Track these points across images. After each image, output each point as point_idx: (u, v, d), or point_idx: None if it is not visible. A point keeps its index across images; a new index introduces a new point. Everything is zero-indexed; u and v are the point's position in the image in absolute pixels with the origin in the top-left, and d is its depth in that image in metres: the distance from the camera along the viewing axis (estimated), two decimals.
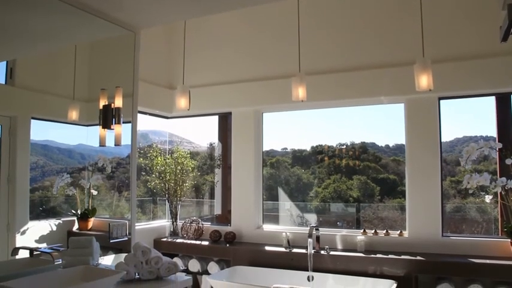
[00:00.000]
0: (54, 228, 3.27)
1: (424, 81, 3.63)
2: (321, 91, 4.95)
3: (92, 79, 3.65)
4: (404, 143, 4.80)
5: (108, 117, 3.46)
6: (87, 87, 3.60)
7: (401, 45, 4.67)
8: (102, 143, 3.53)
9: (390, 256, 4.37)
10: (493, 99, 4.53)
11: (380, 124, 5.60)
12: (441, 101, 4.60)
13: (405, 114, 4.73)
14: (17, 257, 2.86)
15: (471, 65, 4.36)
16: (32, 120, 3.09)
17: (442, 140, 4.59)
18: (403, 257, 4.31)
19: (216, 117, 6.15)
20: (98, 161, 3.68)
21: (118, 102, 3.48)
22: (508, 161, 4.16)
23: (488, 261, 4.03)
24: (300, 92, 4.24)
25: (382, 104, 5.03)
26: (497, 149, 4.26)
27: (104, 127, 3.47)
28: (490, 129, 4.61)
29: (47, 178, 3.29)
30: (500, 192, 4.20)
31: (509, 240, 4.14)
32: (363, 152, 5.81)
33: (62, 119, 3.36)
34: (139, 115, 3.96)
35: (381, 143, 5.80)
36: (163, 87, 5.83)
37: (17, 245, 2.88)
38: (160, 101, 5.74)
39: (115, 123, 3.49)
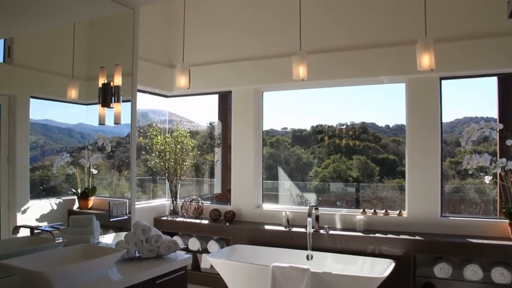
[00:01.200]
0: (55, 207, 3.28)
1: (425, 60, 3.60)
2: (321, 70, 4.92)
3: (91, 57, 3.62)
4: (404, 123, 4.79)
5: (107, 96, 3.44)
6: (86, 65, 3.57)
7: (403, 24, 4.62)
8: (101, 122, 3.51)
9: (389, 236, 4.40)
10: (495, 79, 4.51)
11: (380, 104, 5.58)
12: (443, 81, 4.57)
13: (406, 94, 4.71)
14: (18, 235, 2.87)
15: (474, 44, 4.32)
16: (31, 100, 3.07)
17: (443, 121, 4.58)
18: (401, 236, 4.34)
19: (216, 96, 6.12)
20: (98, 140, 3.67)
21: (117, 81, 3.46)
22: (509, 142, 4.16)
23: (486, 241, 4.06)
24: (301, 71, 4.21)
25: (383, 83, 5.00)
26: (498, 130, 4.25)
27: (103, 105, 3.45)
28: (491, 110, 4.60)
29: (47, 157, 3.28)
30: (500, 173, 4.21)
31: (507, 221, 4.16)
32: (363, 132, 5.80)
33: (61, 98, 3.33)
34: (139, 94, 3.94)
35: (381, 123, 5.79)
36: (163, 65, 5.79)
37: (18, 224, 2.89)
38: (160, 80, 5.71)
39: (114, 102, 3.47)
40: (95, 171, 3.65)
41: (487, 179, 4.31)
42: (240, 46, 5.54)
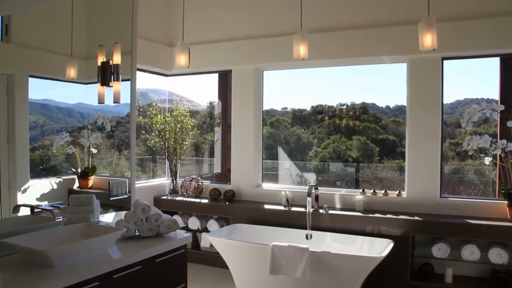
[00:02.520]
0: (55, 187, 3.29)
1: (428, 40, 3.56)
2: (322, 49, 4.88)
3: (89, 36, 3.58)
4: (405, 104, 4.77)
5: (106, 74, 3.41)
6: (85, 44, 3.53)
7: (406, 3, 4.57)
8: (101, 101, 3.49)
9: (388, 216, 4.42)
10: (497, 60, 4.47)
11: (381, 85, 5.56)
12: (444, 62, 4.53)
13: (407, 75, 4.68)
14: (19, 214, 2.88)
15: (477, 24, 4.28)
16: (30, 79, 3.04)
17: (443, 102, 4.56)
18: (400, 217, 4.36)
19: (216, 75, 6.09)
20: (97, 119, 3.65)
21: (116, 59, 3.43)
22: (509, 123, 4.15)
23: (484, 222, 4.09)
24: (301, 50, 4.18)
25: (384, 63, 4.96)
26: (499, 111, 4.23)
27: (102, 84, 3.43)
28: (492, 91, 4.57)
29: (46, 137, 3.27)
30: (500, 155, 4.21)
31: (506, 202, 4.18)
32: (363, 112, 5.79)
33: (60, 77, 3.31)
34: (138, 73, 3.92)
35: (381, 103, 5.77)
36: (162, 44, 5.73)
37: (18, 203, 2.90)
38: (160, 59, 5.66)
39: (114, 81, 3.44)
40: (94, 151, 3.65)
41: (487, 160, 4.31)
42: (241, 24, 5.48)
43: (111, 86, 3.45)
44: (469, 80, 4.92)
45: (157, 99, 6.05)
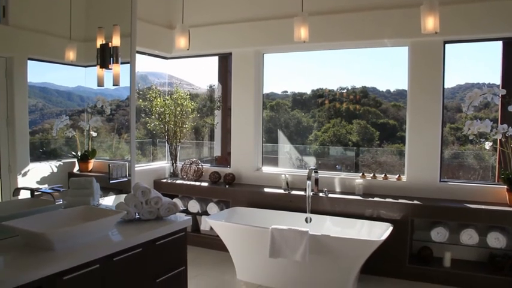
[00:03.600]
0: (55, 170, 3.29)
1: (430, 23, 3.52)
2: (323, 32, 4.84)
3: (88, 18, 3.54)
4: (405, 88, 4.75)
5: (105, 57, 3.39)
6: (84, 26, 3.50)
7: None
8: (100, 83, 3.47)
9: (387, 200, 4.43)
10: (500, 44, 4.44)
11: (382, 69, 5.53)
12: (446, 45, 4.49)
13: (409, 58, 4.65)
14: (19, 197, 2.89)
15: (480, 7, 4.23)
16: (29, 61, 3.02)
17: (444, 86, 4.54)
18: (400, 201, 4.38)
19: (216, 58, 6.06)
20: (97, 102, 3.64)
21: (116, 41, 3.40)
22: (511, 108, 4.13)
23: (483, 206, 4.10)
24: (302, 33, 4.14)
25: (385, 47, 4.92)
26: (500, 96, 4.21)
27: (101, 67, 3.41)
28: (493, 76, 4.55)
29: (46, 121, 3.26)
30: (500, 139, 4.20)
31: (505, 186, 4.18)
32: (364, 96, 5.77)
33: (59, 60, 3.28)
34: (138, 55, 3.89)
35: (381, 87, 5.75)
36: (162, 26, 5.69)
37: (19, 186, 2.90)
38: (160, 41, 5.62)
39: (113, 63, 3.42)
40: (94, 134, 3.64)
41: (487, 145, 4.30)
42: (241, 7, 5.43)
43: (111, 69, 3.43)
44: (470, 65, 4.90)
45: (157, 83, 6.02)
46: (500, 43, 4.43)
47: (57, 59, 3.27)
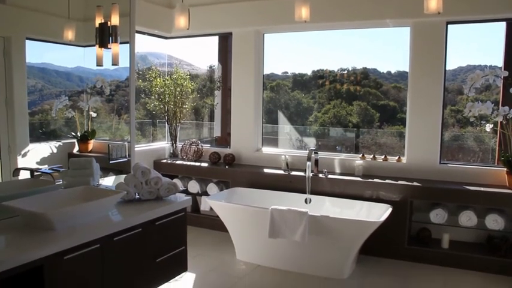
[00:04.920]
0: (55, 151, 3.29)
1: (433, 3, 3.47)
2: (324, 12, 4.78)
3: None
4: (406, 70, 4.72)
5: (104, 36, 3.37)
6: (82, 5, 3.46)
7: None
8: (99, 63, 3.45)
9: (387, 181, 4.44)
10: (502, 25, 4.39)
11: (383, 50, 5.48)
12: (449, 26, 4.45)
13: (411, 39, 4.60)
14: (19, 178, 2.89)
15: None
16: (27, 41, 2.99)
17: (446, 68, 4.50)
18: (399, 182, 4.38)
19: (216, 38, 6.01)
20: (96, 83, 3.62)
21: (114, 20, 3.37)
22: None
23: (482, 188, 4.11)
24: (303, 12, 4.09)
25: (387, 27, 4.87)
26: (502, 78, 4.18)
27: (100, 46, 3.39)
28: (495, 58, 4.51)
29: (46, 101, 3.25)
30: (501, 122, 4.19)
31: (505, 169, 4.19)
32: (364, 77, 5.73)
33: (58, 40, 3.26)
34: (137, 35, 3.87)
35: (382, 69, 5.71)
36: (161, 5, 5.62)
37: (18, 167, 2.91)
38: (159, 21, 5.56)
39: (112, 42, 3.40)
40: (94, 115, 3.63)
41: (488, 127, 4.29)
42: None
43: (110, 48, 3.41)
44: (472, 47, 4.85)
45: (157, 63, 5.98)
46: (503, 24, 4.38)
47: (55, 39, 3.24)
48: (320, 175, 4.75)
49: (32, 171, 2.94)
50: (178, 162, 5.59)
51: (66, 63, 3.39)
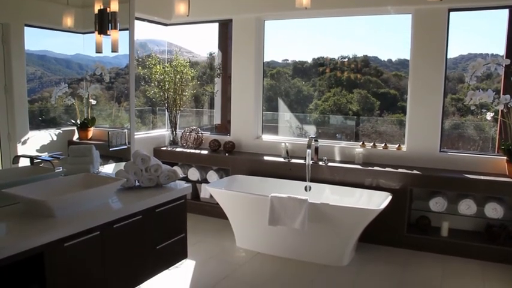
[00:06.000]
0: (55, 138, 3.28)
1: None
2: None
3: None
4: (407, 57, 4.69)
5: (104, 22, 3.35)
6: None
7: None
8: (98, 50, 3.44)
9: (387, 169, 4.44)
10: (505, 13, 4.35)
11: (384, 37, 5.44)
12: (451, 13, 4.41)
13: (412, 26, 4.56)
14: (19, 165, 2.89)
15: None
16: (26, 28, 2.97)
17: (447, 56, 4.48)
18: (399, 170, 4.38)
19: (216, 25, 5.97)
20: (96, 70, 3.60)
21: (114, 6, 3.35)
22: None
23: (482, 177, 4.11)
24: None
25: (388, 14, 4.83)
26: (504, 66, 4.15)
27: (100, 33, 3.37)
28: (497, 47, 4.48)
29: (45, 89, 3.24)
30: (502, 110, 4.17)
31: (505, 157, 4.18)
32: (365, 65, 5.70)
33: (57, 27, 3.23)
34: (136, 22, 3.85)
35: (383, 57, 5.67)
36: None
37: (18, 154, 2.91)
38: (159, 7, 5.52)
39: (111, 29, 3.38)
40: (93, 102, 3.62)
41: (489, 115, 4.27)
42: None
43: (109, 35, 3.39)
44: (474, 35, 4.82)
45: (157, 50, 5.95)
46: (506, 11, 4.34)
47: (54, 26, 3.22)
48: (320, 163, 4.75)
49: (31, 158, 2.94)
50: (178, 149, 5.59)
51: (66, 51, 3.37)
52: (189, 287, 3.50)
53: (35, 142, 3.07)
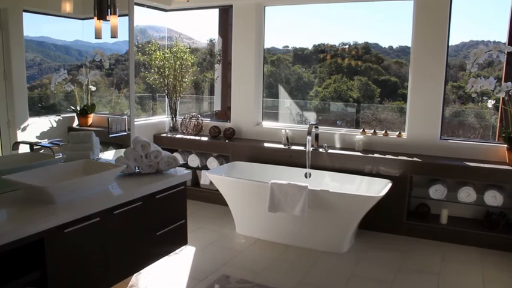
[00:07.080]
0: (55, 125, 3.28)
1: None
2: None
3: None
4: (408, 45, 4.66)
5: (103, 7, 3.32)
6: None
7: None
8: (98, 35, 3.41)
9: (387, 156, 4.44)
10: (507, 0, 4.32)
11: (385, 24, 5.40)
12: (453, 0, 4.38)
13: (414, 13, 4.53)
14: (18, 152, 2.89)
15: None
16: (24, 14, 2.95)
17: (448, 44, 4.45)
18: (400, 157, 4.38)
19: (217, 11, 5.92)
20: (95, 56, 3.58)
21: None
22: None
23: (482, 165, 4.11)
24: None
25: (390, 0, 4.79)
26: (506, 53, 4.12)
27: (99, 18, 3.34)
28: (499, 34, 4.44)
29: (45, 75, 3.22)
30: (503, 98, 4.16)
31: (505, 145, 4.18)
32: (366, 52, 5.67)
33: (55, 12, 3.21)
34: (136, 7, 3.81)
35: (384, 44, 5.63)
36: None
37: (18, 141, 2.90)
38: None
39: (110, 14, 3.35)
40: (93, 88, 3.61)
41: (490, 103, 4.25)
42: None
43: (108, 20, 3.36)
44: (476, 22, 4.78)
45: (157, 36, 5.91)
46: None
47: (53, 11, 3.19)
48: (320, 150, 4.75)
49: (31, 145, 2.94)
50: (178, 136, 5.58)
51: (65, 37, 3.35)
52: (189, 274, 3.52)
53: (34, 129, 3.07)
